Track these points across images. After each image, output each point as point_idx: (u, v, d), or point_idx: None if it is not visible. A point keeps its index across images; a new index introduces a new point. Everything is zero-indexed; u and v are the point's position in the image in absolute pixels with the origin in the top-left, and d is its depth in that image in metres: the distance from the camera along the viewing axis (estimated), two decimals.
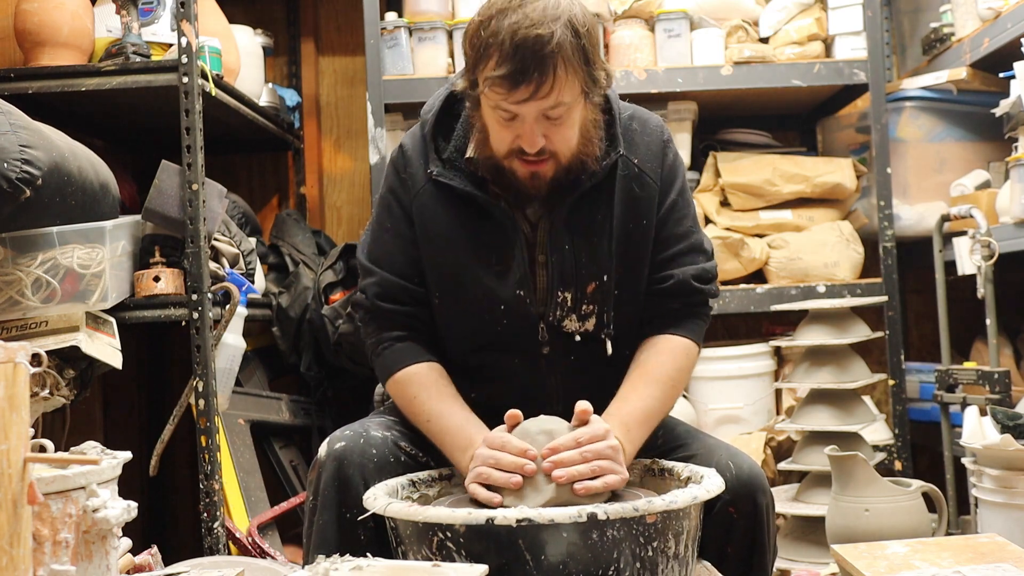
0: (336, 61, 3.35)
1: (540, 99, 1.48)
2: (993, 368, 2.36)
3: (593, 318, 1.65)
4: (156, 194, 2.17)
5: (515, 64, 1.45)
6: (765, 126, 3.13)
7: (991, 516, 1.99)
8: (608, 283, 1.64)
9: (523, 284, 1.62)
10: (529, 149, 1.53)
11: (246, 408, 2.69)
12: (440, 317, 1.68)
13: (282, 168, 3.31)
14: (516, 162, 1.57)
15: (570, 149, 1.56)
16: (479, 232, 1.63)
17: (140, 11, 2.31)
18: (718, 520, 1.53)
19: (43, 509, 1.13)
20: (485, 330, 1.65)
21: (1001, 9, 2.49)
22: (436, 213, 1.65)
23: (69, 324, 2.00)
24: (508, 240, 1.62)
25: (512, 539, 1.27)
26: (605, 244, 1.64)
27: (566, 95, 1.50)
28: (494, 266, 1.63)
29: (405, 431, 1.64)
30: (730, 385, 2.79)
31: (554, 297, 1.63)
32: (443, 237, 1.64)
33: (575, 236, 1.63)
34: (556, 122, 1.52)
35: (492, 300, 1.62)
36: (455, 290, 1.65)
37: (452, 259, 1.64)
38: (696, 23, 2.85)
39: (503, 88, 1.48)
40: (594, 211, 1.64)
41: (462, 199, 1.64)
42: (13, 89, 2.19)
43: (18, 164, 1.80)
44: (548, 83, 1.47)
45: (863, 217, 2.94)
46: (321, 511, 1.53)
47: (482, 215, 1.63)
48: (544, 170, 1.57)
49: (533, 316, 1.63)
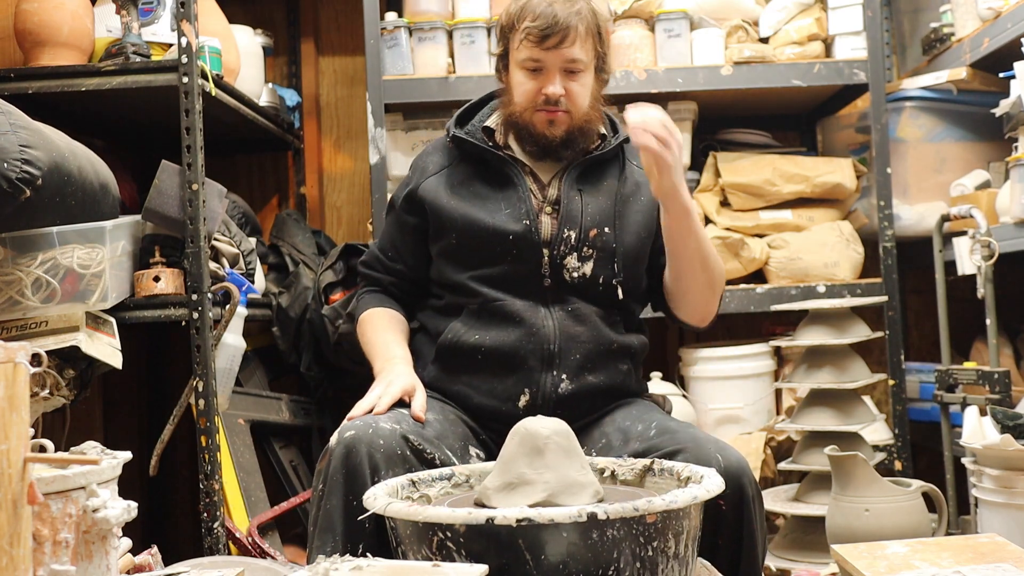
0: (336, 61, 3.35)
1: (565, 48, 1.82)
2: (993, 368, 2.36)
3: (591, 263, 1.87)
4: (156, 194, 2.17)
5: (547, 19, 1.82)
6: (765, 126, 3.13)
7: (991, 516, 1.99)
8: (609, 234, 1.89)
9: (530, 218, 1.87)
10: (552, 92, 1.84)
11: (246, 408, 2.68)
12: (456, 256, 1.90)
13: (282, 168, 3.31)
14: (536, 115, 1.88)
15: (582, 108, 1.88)
16: (488, 189, 1.91)
17: (140, 11, 2.31)
18: (708, 513, 1.54)
19: (43, 509, 1.13)
20: (496, 262, 1.87)
21: (1001, 9, 2.49)
22: (447, 183, 1.93)
23: (69, 324, 2.00)
24: (516, 190, 1.89)
25: (512, 539, 1.27)
26: (608, 203, 1.91)
27: (585, 54, 1.85)
28: (504, 209, 1.88)
29: (413, 426, 1.70)
30: (730, 385, 2.79)
31: (561, 232, 1.86)
32: (455, 191, 1.92)
33: (583, 189, 1.91)
34: (574, 77, 1.86)
35: (501, 234, 1.86)
36: (468, 231, 1.88)
37: (463, 205, 1.89)
38: (696, 23, 2.85)
39: (535, 37, 1.82)
40: (601, 178, 1.94)
41: (476, 160, 1.93)
42: (13, 89, 2.19)
43: (18, 164, 1.80)
44: (572, 36, 1.82)
45: (863, 217, 2.94)
46: (328, 496, 1.58)
47: (491, 173, 1.92)
48: (560, 120, 1.87)
49: (539, 250, 1.86)
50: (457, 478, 1.62)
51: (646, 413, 1.82)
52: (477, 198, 1.90)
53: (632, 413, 1.84)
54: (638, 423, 1.78)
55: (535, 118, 1.88)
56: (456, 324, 1.88)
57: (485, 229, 1.86)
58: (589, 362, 1.85)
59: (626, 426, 1.80)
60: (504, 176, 1.91)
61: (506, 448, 1.46)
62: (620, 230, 1.90)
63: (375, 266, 2.06)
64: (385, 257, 2.03)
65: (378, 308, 2.01)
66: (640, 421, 1.79)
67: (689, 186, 2.93)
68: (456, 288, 1.90)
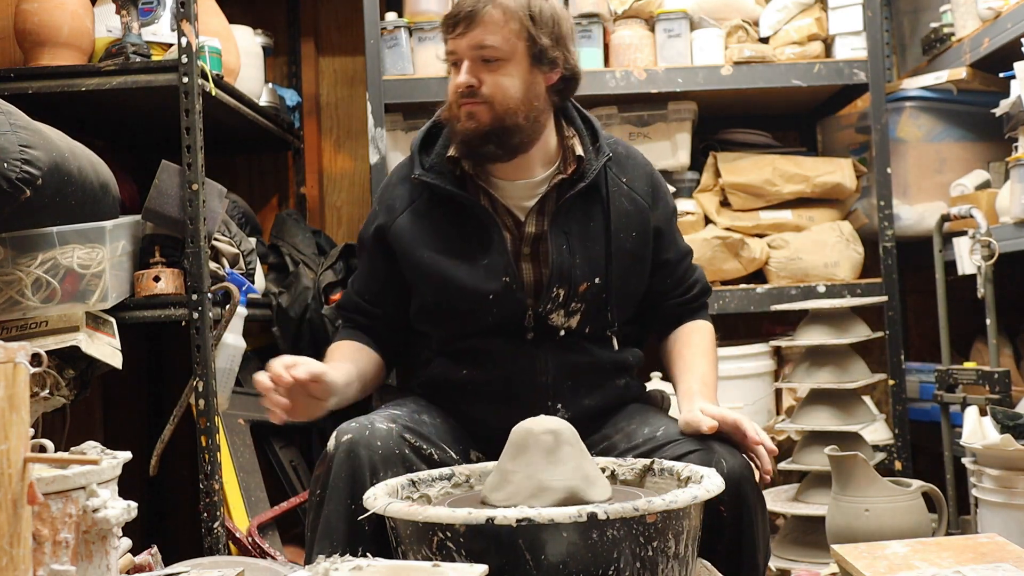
0: (336, 61, 3.35)
1: (473, 34, 1.69)
2: (993, 368, 2.36)
3: (578, 316, 1.78)
4: (156, 194, 2.17)
5: (458, 6, 1.71)
6: (765, 126, 3.13)
7: (991, 516, 1.99)
8: (600, 285, 1.78)
9: (509, 273, 1.75)
10: (461, 81, 1.71)
11: (246, 408, 2.68)
12: (435, 313, 1.82)
13: (282, 168, 3.31)
14: (459, 111, 1.73)
15: (505, 100, 1.71)
16: (462, 230, 1.78)
17: (140, 11, 2.31)
18: (707, 517, 1.53)
19: (43, 509, 1.13)
20: (475, 319, 1.77)
21: (1001, 9, 2.49)
22: (418, 227, 1.80)
23: (69, 324, 2.00)
24: (489, 235, 1.76)
25: (512, 539, 1.27)
26: (600, 249, 1.78)
27: (498, 39, 1.69)
28: (480, 260, 1.76)
29: (408, 424, 1.68)
30: (730, 385, 2.78)
31: (548, 291, 1.76)
32: (426, 244, 1.79)
33: (571, 238, 1.77)
34: (491, 67, 1.71)
35: (480, 293, 1.75)
36: (446, 289, 1.77)
37: (438, 262, 1.78)
38: (696, 23, 2.85)
39: (446, 26, 1.72)
40: (587, 218, 1.79)
41: (442, 204, 1.79)
42: (13, 89, 2.19)
43: (18, 164, 1.80)
44: (480, 20, 1.68)
45: (863, 217, 2.94)
46: (328, 502, 1.56)
47: (463, 215, 1.78)
48: (479, 112, 1.72)
49: (521, 305, 1.76)
50: (457, 478, 1.62)
51: (649, 417, 1.79)
52: (451, 250, 1.77)
53: (635, 417, 1.81)
54: (643, 427, 1.75)
55: (459, 114, 1.74)
56: (442, 360, 1.83)
57: (462, 289, 1.76)
58: (584, 387, 1.79)
59: (630, 430, 1.76)
60: (476, 220, 1.78)
61: (508, 449, 1.46)
62: (613, 276, 1.79)
63: (354, 312, 1.94)
64: (363, 301, 1.92)
65: (345, 341, 1.91)
66: (646, 424, 1.76)
67: (689, 186, 2.95)
68: (436, 334, 1.84)
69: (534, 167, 1.80)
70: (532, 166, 1.80)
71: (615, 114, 2.87)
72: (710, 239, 2.78)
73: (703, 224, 2.88)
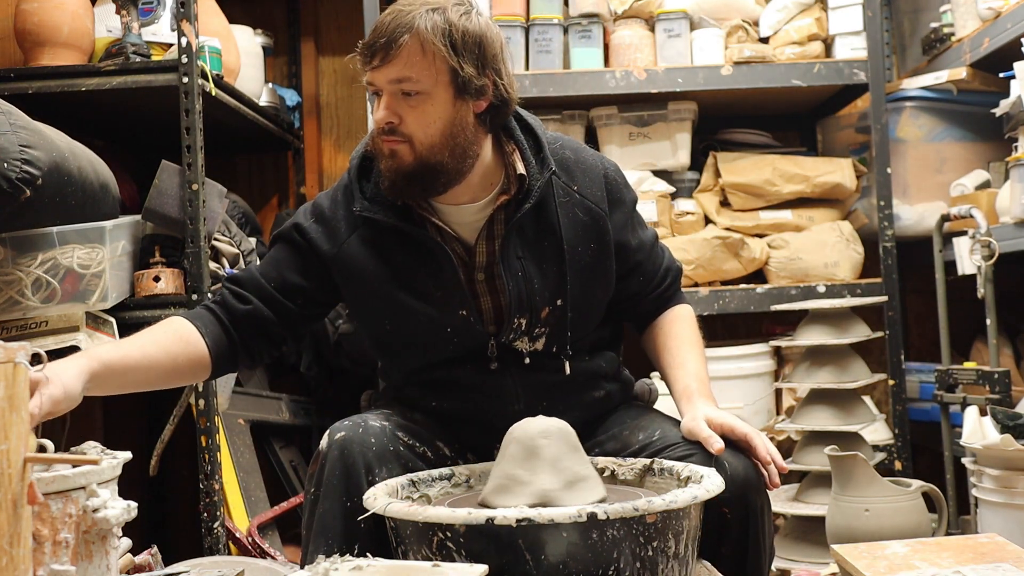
0: (336, 61, 3.35)
1: (389, 67, 1.55)
2: (993, 368, 2.36)
3: (543, 339, 1.70)
4: (156, 194, 2.17)
5: (375, 34, 1.56)
6: (765, 126, 3.13)
7: (991, 516, 1.99)
8: (562, 307, 1.69)
9: (465, 306, 1.66)
10: (378, 118, 1.58)
11: (246, 408, 2.69)
12: (394, 344, 1.74)
13: (282, 168, 3.32)
14: (382, 143, 1.60)
15: (428, 138, 1.58)
16: (412, 262, 1.67)
17: (140, 11, 2.31)
18: (711, 520, 1.52)
19: (43, 509, 1.13)
20: (436, 351, 1.70)
21: (1001, 9, 2.49)
22: (366, 257, 1.68)
23: (69, 324, 2.00)
24: (441, 265, 1.66)
25: (512, 539, 1.27)
26: (556, 269, 1.68)
27: (417, 72, 1.54)
28: (434, 293, 1.66)
29: (401, 421, 1.67)
30: (730, 385, 2.78)
31: (509, 322, 1.67)
32: (377, 277, 1.68)
33: (526, 262, 1.67)
34: (411, 102, 1.56)
35: (438, 326, 1.67)
36: (403, 322, 1.69)
37: (392, 295, 1.68)
38: (696, 23, 2.85)
39: (361, 58, 1.58)
40: (540, 238, 1.69)
41: (389, 233, 1.68)
42: (13, 89, 2.19)
43: (18, 164, 1.80)
44: (396, 51, 1.53)
45: (863, 217, 2.94)
46: (323, 500, 1.54)
47: (411, 244, 1.67)
48: (399, 151, 1.59)
49: (482, 335, 1.68)
50: (457, 478, 1.62)
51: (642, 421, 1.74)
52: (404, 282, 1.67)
53: (627, 423, 1.75)
54: (638, 432, 1.71)
55: (382, 148, 1.61)
56: (412, 388, 1.75)
57: (419, 323, 1.67)
58: (560, 406, 1.66)
59: (624, 436, 1.72)
60: (426, 249, 1.66)
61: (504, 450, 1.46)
62: (572, 295, 1.70)
63: (247, 287, 1.71)
64: (267, 283, 1.71)
65: (178, 320, 1.66)
66: (640, 430, 1.71)
67: (689, 186, 2.95)
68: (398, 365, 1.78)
69: (475, 191, 1.67)
70: (473, 190, 1.67)
71: (615, 114, 2.87)
72: (710, 239, 2.78)
73: (703, 224, 2.88)
